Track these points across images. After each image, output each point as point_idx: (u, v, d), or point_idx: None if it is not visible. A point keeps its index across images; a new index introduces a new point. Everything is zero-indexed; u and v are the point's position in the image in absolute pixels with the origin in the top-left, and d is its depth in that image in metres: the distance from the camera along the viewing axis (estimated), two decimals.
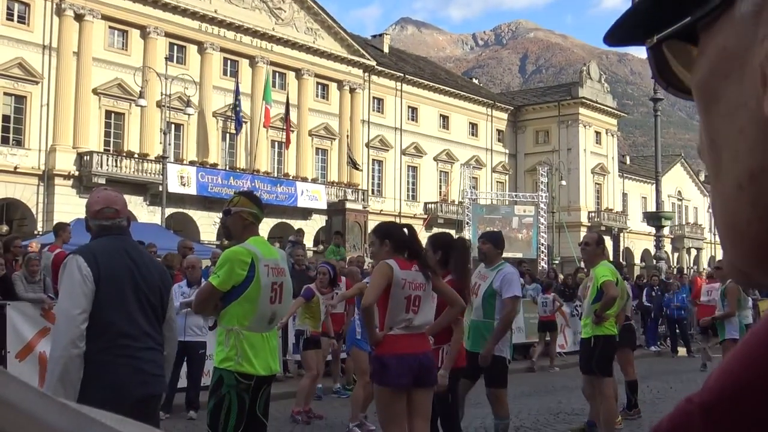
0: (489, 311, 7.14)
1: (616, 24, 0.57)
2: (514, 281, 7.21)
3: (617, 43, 0.60)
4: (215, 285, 4.92)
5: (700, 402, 0.43)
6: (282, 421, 9.71)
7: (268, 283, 5.01)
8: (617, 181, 66.34)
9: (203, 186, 39.84)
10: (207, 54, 43.33)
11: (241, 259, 4.94)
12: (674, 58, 0.55)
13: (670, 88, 0.57)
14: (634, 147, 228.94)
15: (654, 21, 0.54)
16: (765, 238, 0.46)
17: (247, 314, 4.93)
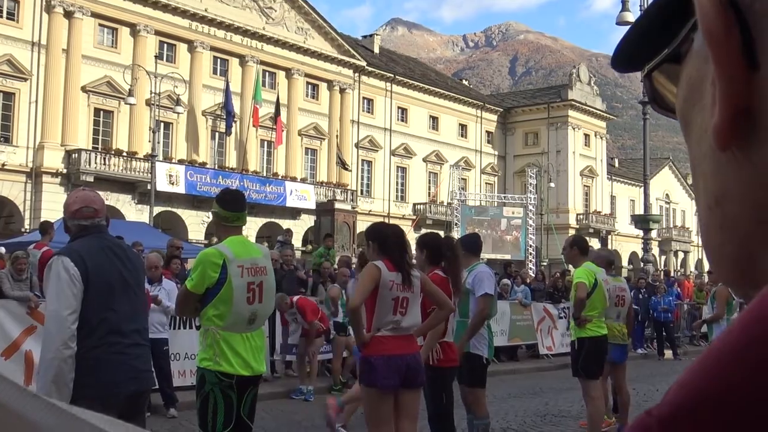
0: (464, 310, 7.22)
1: (616, 52, 0.58)
2: (485, 280, 7.22)
3: (622, 70, 0.61)
4: (189, 288, 4.97)
5: (659, 415, 0.44)
6: (269, 421, 9.69)
7: (242, 284, 4.99)
8: (606, 183, 66.53)
9: (192, 185, 39.75)
10: (197, 53, 43.24)
11: (212, 261, 4.95)
12: (665, 85, 0.56)
13: (664, 112, 0.59)
14: (622, 150, 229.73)
15: (646, 50, 0.56)
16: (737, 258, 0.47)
17: (222, 315, 4.94)
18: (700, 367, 0.44)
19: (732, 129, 0.45)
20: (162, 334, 10.37)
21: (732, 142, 0.45)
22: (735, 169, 0.45)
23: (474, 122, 61.69)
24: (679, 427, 0.42)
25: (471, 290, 7.17)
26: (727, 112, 0.45)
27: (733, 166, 0.46)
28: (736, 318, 0.42)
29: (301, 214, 44.88)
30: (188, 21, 42.88)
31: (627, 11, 22.45)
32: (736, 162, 0.45)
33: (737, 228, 0.46)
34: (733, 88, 0.44)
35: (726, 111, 0.45)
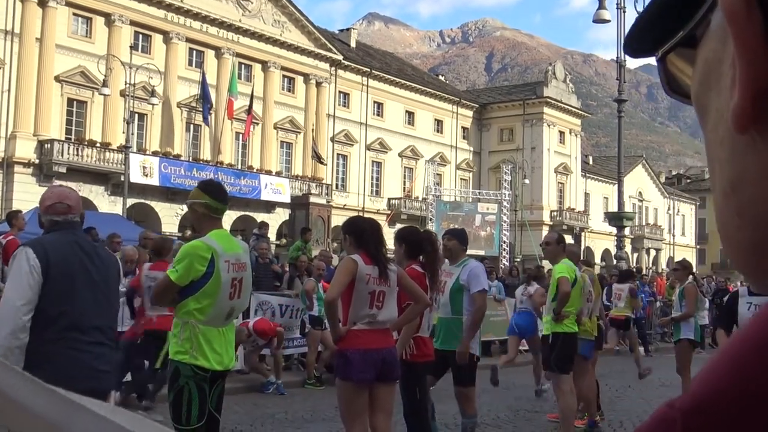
0: (457, 307, 7.14)
1: (628, 36, 0.58)
2: (480, 275, 7.22)
3: (634, 54, 0.60)
4: (173, 279, 4.87)
5: (682, 408, 0.43)
6: (242, 415, 9.67)
7: (228, 279, 4.96)
8: (580, 180, 66.91)
9: (166, 177, 39.52)
10: (172, 44, 42.95)
11: (201, 255, 4.89)
12: (681, 68, 0.55)
13: (678, 96, 0.58)
14: (596, 147, 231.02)
15: (660, 32, 0.55)
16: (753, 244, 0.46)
17: (204, 309, 4.89)
18: (724, 359, 0.43)
19: (752, 111, 0.44)
20: (125, 327, 10.31)
21: (751, 124, 0.44)
22: (753, 153, 0.45)
23: (450, 118, 61.78)
24: (702, 420, 0.42)
25: (465, 286, 7.12)
26: (747, 94, 0.44)
27: (751, 150, 0.45)
28: (759, 311, 0.42)
29: (276, 208, 44.76)
30: (164, 12, 42.58)
31: (604, 9, 22.56)
32: (755, 145, 0.44)
33: (755, 213, 0.45)
34: (754, 69, 0.43)
35: (747, 92, 0.44)
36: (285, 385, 12.00)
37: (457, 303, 7.14)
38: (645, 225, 74.16)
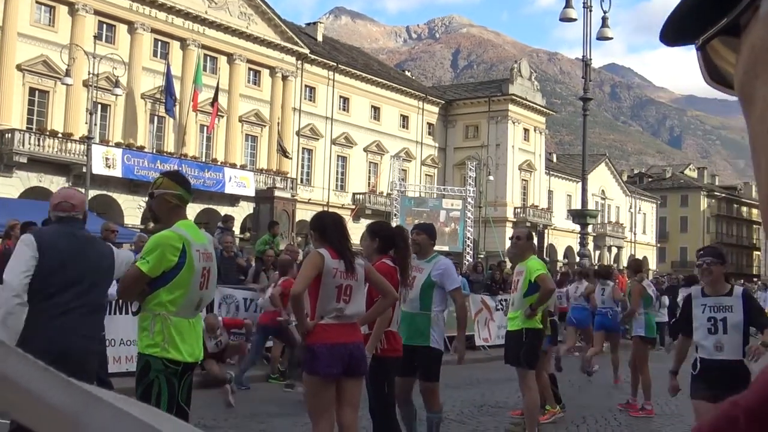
0: (427, 303, 7.14)
1: (666, 24, 0.56)
2: (453, 273, 7.30)
3: (671, 43, 0.58)
4: (144, 271, 4.80)
5: (746, 406, 0.42)
6: (206, 410, 9.59)
7: (199, 269, 4.93)
8: (543, 178, 67.34)
9: (129, 168, 39.12)
10: (137, 34, 42.51)
11: (173, 245, 4.84)
12: (725, 56, 0.53)
13: (720, 86, 0.56)
14: (560, 145, 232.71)
15: (700, 21, 0.53)
16: None
17: (176, 300, 4.83)
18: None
19: None
20: None
21: None
22: None
23: (415, 114, 61.86)
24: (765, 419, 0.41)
25: (437, 283, 7.12)
26: None
27: None
28: None
29: (240, 201, 44.53)
30: (128, 1, 42.11)
31: (570, 8, 22.69)
32: None
33: None
34: None
35: None
36: (249, 379, 11.94)
37: (426, 299, 7.14)
38: (607, 223, 74.84)
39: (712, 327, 5.99)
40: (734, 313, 5.97)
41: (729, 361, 5.91)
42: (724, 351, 5.94)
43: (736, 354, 5.96)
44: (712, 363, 5.94)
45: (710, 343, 5.98)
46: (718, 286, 6.09)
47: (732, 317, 5.96)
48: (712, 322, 5.99)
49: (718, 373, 5.84)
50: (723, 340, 5.95)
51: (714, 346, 5.96)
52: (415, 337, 7.06)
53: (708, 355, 5.99)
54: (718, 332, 5.96)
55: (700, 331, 6.04)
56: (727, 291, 6.08)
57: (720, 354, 5.94)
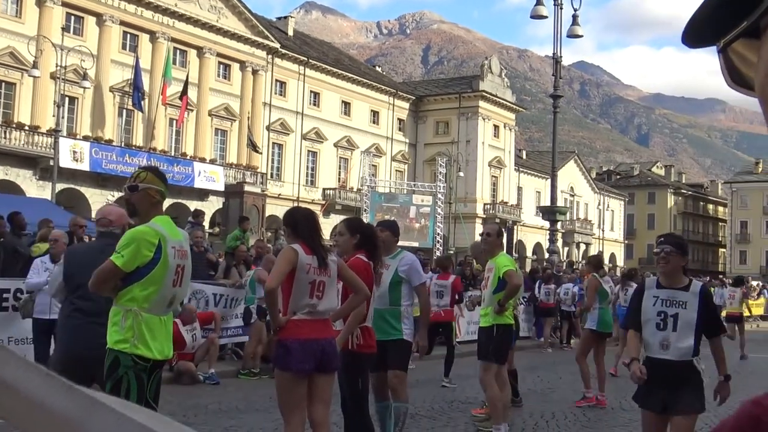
0: (395, 298, 7.17)
1: (687, 26, 0.56)
2: (419, 268, 7.30)
3: (693, 45, 0.58)
4: (119, 265, 4.75)
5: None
6: (175, 405, 9.54)
7: (173, 266, 4.89)
8: (513, 174, 67.65)
9: (97, 162, 38.73)
10: (106, 26, 42.08)
11: (148, 240, 4.80)
12: (747, 58, 0.53)
13: (740, 88, 0.56)
14: (530, 142, 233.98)
15: (721, 24, 0.53)
16: None
17: (149, 296, 4.80)
18: None
19: None
20: None
21: None
22: None
23: (386, 109, 61.86)
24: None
25: (404, 278, 7.13)
26: None
27: None
28: None
29: (209, 196, 44.27)
30: None
31: (541, 5, 22.80)
32: None
33: None
34: None
35: None
36: (218, 375, 11.88)
37: (395, 294, 7.17)
38: (576, 219, 75.36)
39: (661, 322, 5.41)
40: (688, 310, 5.39)
41: (675, 362, 5.36)
42: (670, 350, 5.38)
43: (685, 355, 5.38)
44: (657, 363, 5.41)
45: (656, 340, 5.43)
46: (675, 278, 5.51)
47: (685, 314, 5.38)
48: (662, 317, 5.41)
49: (663, 374, 5.34)
50: (671, 338, 5.38)
51: (660, 344, 5.40)
52: (387, 333, 7.07)
53: (653, 354, 5.46)
54: (666, 329, 5.40)
55: (648, 326, 5.48)
56: (684, 285, 5.49)
57: (665, 353, 5.39)
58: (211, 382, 11.56)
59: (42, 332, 9.90)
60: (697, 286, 5.49)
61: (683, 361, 5.36)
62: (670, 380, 5.32)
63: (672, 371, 5.33)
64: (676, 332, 5.35)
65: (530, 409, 10.34)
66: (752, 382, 13.90)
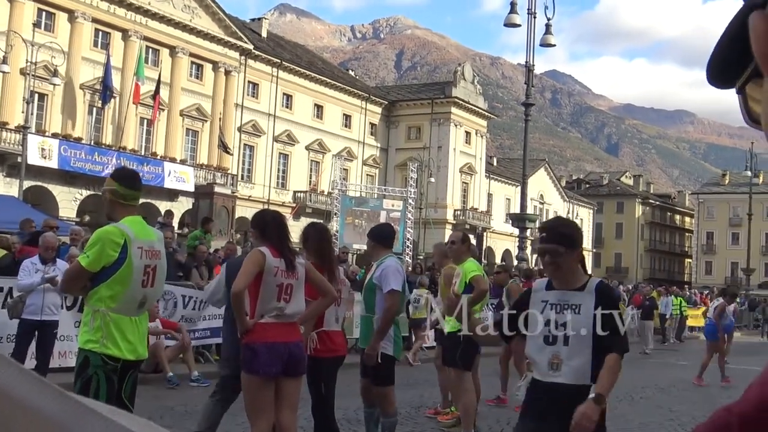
0: (370, 305, 7.11)
1: (708, 69, 0.58)
2: (390, 275, 6.97)
3: (719, 87, 0.60)
4: (84, 265, 4.76)
5: (740, 413, 0.43)
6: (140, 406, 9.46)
7: (140, 266, 4.88)
8: (483, 181, 67.92)
9: (65, 160, 38.35)
10: (77, 23, 41.72)
11: (113, 240, 4.80)
12: (753, 97, 0.56)
13: (755, 125, 0.57)
14: (501, 149, 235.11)
15: (734, 67, 0.55)
16: None
17: (115, 296, 4.79)
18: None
19: None
20: (54, 316, 9.97)
21: None
22: None
23: (358, 113, 61.87)
24: (758, 425, 0.42)
25: (378, 285, 6.99)
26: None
27: None
28: None
29: (179, 196, 43.99)
30: None
31: (515, 14, 22.93)
32: None
33: None
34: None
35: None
36: (185, 377, 11.81)
37: (369, 301, 7.12)
38: None
39: (549, 335, 4.06)
40: (581, 316, 4.00)
41: (567, 386, 3.96)
42: (561, 371, 4.00)
43: (580, 377, 3.98)
44: (544, 387, 4.05)
45: (545, 358, 4.05)
46: (570, 276, 4.14)
47: (578, 321, 3.99)
48: (550, 327, 4.08)
49: (550, 401, 4.00)
50: (562, 355, 4.01)
51: (549, 363, 4.03)
52: (365, 339, 7.05)
53: (541, 375, 4.08)
54: (557, 342, 4.03)
55: (534, 340, 4.12)
56: (580, 285, 4.13)
57: (556, 375, 4.01)
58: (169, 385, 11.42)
59: (28, 332, 9.85)
60: (593, 284, 4.14)
61: (578, 385, 3.96)
62: (559, 410, 3.91)
63: (563, 399, 3.93)
64: (568, 346, 4.00)
65: (497, 415, 10.38)
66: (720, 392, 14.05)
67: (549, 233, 4.17)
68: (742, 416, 0.42)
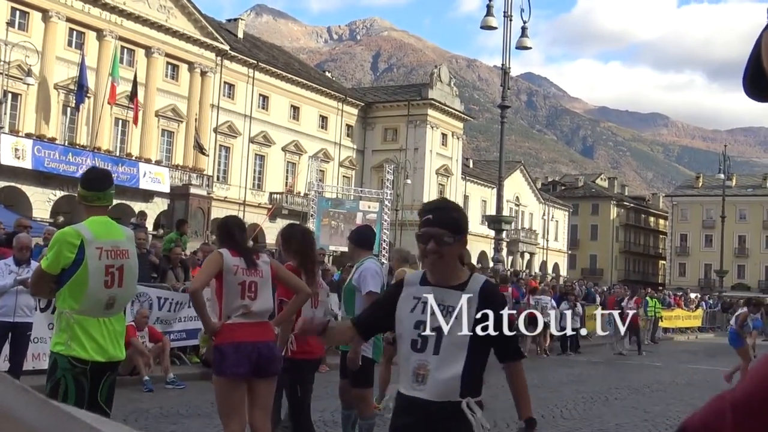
0: (349, 307, 7.11)
1: (744, 83, 0.59)
2: (368, 277, 6.96)
3: (759, 100, 0.62)
4: (44, 268, 4.80)
5: (732, 400, 0.45)
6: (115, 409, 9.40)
7: (100, 266, 4.84)
8: (460, 183, 68.08)
9: (39, 160, 38.01)
10: (51, 23, 41.38)
11: (69, 241, 4.79)
12: None
13: None
14: (477, 151, 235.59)
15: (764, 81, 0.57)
16: None
17: (77, 298, 4.77)
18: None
19: None
20: (28, 318, 9.86)
21: None
22: None
23: (335, 115, 61.83)
24: (751, 413, 0.44)
25: (357, 287, 7.00)
26: None
27: None
28: None
29: (154, 197, 43.74)
30: None
31: (491, 16, 23.01)
32: None
33: None
34: None
35: None
36: (159, 380, 11.75)
37: (349, 303, 7.12)
38: (521, 229, 76.05)
39: (419, 339, 3.32)
40: (458, 319, 3.31)
41: (429, 403, 3.23)
42: (426, 384, 3.25)
43: (446, 392, 3.24)
44: (406, 402, 3.33)
45: (410, 367, 3.31)
46: (450, 271, 3.42)
47: (453, 326, 3.29)
48: (420, 331, 3.33)
49: (414, 420, 3.29)
50: (429, 365, 3.27)
51: (414, 374, 3.29)
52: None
53: (404, 388, 3.34)
54: (425, 349, 3.30)
55: (402, 345, 3.40)
56: (461, 282, 3.41)
57: (420, 389, 3.26)
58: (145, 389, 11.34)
59: (1, 335, 9.73)
60: (478, 282, 3.44)
61: (442, 402, 3.24)
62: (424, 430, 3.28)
63: (426, 419, 3.26)
64: (438, 355, 3.28)
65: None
66: (692, 392, 14.16)
67: (437, 215, 3.39)
68: (735, 403, 0.44)
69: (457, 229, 3.40)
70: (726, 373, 15.28)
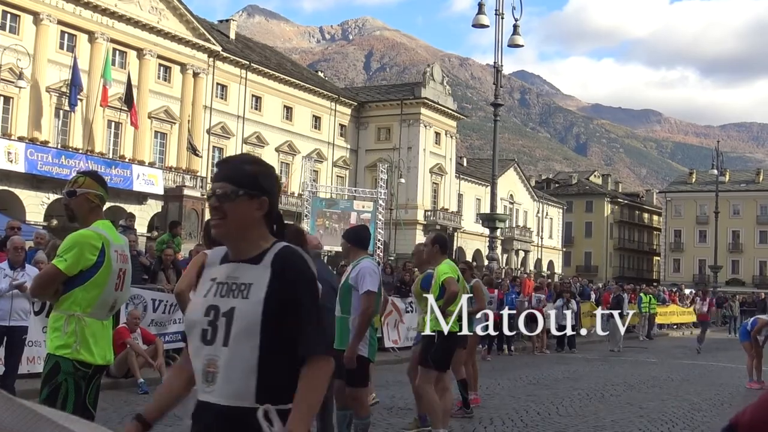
0: (345, 306, 7.09)
1: None
2: (366, 276, 6.94)
3: None
4: (62, 269, 4.69)
5: (733, 422, 0.51)
6: (110, 412, 9.39)
7: (116, 270, 4.85)
8: (454, 181, 68.13)
9: (32, 164, 37.94)
10: (43, 25, 41.29)
11: (92, 244, 4.76)
12: None
13: None
14: (470, 150, 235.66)
15: None
16: None
17: (92, 300, 4.74)
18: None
19: None
20: (23, 321, 9.75)
21: None
22: None
23: (328, 114, 61.83)
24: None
25: (353, 286, 6.98)
26: None
27: None
28: None
29: (148, 199, 43.70)
30: None
31: (483, 14, 23.02)
32: None
33: None
34: None
35: None
36: (154, 382, 11.71)
37: (345, 302, 7.09)
38: (515, 227, 76.16)
39: (209, 328, 2.59)
40: (249, 302, 2.56)
41: (219, 408, 2.53)
42: (216, 384, 2.55)
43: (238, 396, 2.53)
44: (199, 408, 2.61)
45: (200, 365, 2.61)
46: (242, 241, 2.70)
47: (244, 311, 2.55)
48: (212, 318, 2.60)
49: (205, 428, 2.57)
50: (219, 360, 2.55)
51: (204, 372, 2.59)
52: (340, 341, 7.00)
53: (199, 393, 2.64)
54: (215, 341, 2.58)
55: (192, 337, 2.65)
56: (257, 254, 2.67)
57: (209, 390, 2.57)
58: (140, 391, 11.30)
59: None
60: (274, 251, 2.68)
61: (235, 408, 2.53)
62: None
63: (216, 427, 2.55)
64: (228, 347, 2.56)
65: (477, 413, 10.40)
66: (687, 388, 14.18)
67: (223, 168, 2.76)
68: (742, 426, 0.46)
69: (247, 183, 2.68)
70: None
